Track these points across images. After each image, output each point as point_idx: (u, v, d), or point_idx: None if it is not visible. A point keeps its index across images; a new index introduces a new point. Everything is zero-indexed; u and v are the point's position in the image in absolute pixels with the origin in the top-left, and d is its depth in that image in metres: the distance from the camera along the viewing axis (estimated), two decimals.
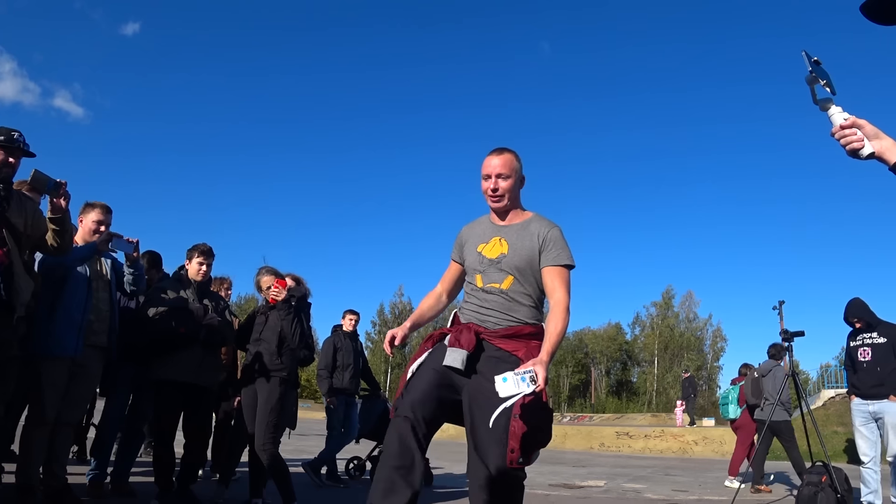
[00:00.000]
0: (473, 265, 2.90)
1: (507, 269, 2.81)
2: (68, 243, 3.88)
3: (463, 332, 2.73)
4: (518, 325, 2.75)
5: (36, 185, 3.53)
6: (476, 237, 2.96)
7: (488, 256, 2.86)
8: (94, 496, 4.75)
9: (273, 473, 4.51)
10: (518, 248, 2.83)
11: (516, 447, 2.48)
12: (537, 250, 2.81)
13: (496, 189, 2.86)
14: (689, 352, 56.59)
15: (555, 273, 2.78)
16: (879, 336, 5.85)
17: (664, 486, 8.37)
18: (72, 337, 4.06)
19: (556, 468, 10.78)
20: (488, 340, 2.74)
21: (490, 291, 2.81)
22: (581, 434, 20.40)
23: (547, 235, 2.83)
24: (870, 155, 1.78)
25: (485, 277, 2.84)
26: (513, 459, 2.48)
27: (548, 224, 2.89)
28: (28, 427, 4.00)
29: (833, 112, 1.84)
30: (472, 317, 2.83)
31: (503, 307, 2.77)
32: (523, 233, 2.87)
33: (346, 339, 7.37)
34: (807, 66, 1.86)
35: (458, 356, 2.65)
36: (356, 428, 7.33)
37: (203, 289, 4.92)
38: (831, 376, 22.73)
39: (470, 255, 2.94)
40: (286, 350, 4.67)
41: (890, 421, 5.59)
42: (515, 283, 2.80)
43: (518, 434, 2.49)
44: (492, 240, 2.90)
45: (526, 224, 2.91)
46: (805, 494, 5.00)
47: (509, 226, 2.92)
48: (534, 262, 2.81)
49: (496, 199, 2.89)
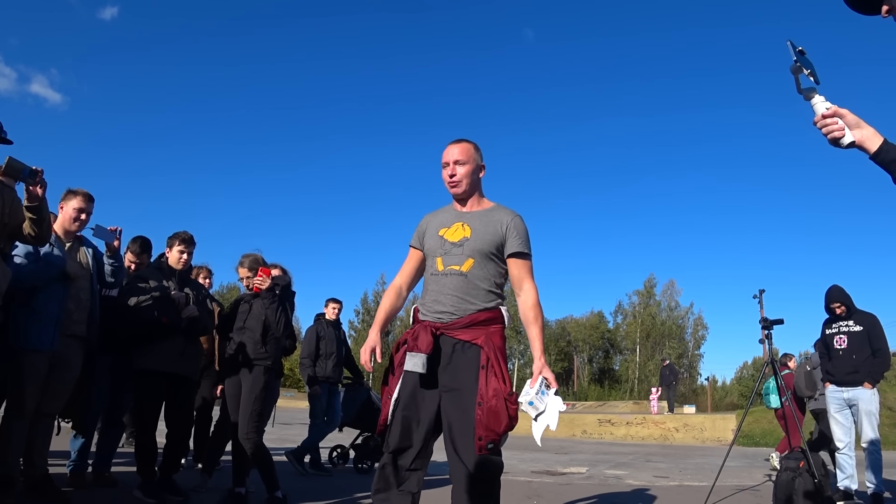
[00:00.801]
0: (434, 249, 2.94)
1: (468, 253, 2.85)
2: (46, 232, 3.82)
3: (419, 334, 2.76)
4: (474, 311, 2.79)
5: (11, 172, 3.46)
6: (438, 223, 3.01)
7: (450, 240, 2.91)
8: (75, 486, 4.72)
9: (256, 462, 4.50)
10: (481, 232, 2.88)
11: (483, 434, 2.57)
12: (501, 237, 2.88)
13: (453, 175, 2.94)
14: (670, 340, 57.13)
15: (521, 263, 2.89)
16: (855, 324, 5.94)
17: (645, 472, 8.47)
18: (48, 330, 3.99)
19: (538, 455, 10.86)
20: (447, 334, 2.78)
21: (449, 274, 2.84)
22: (563, 421, 20.54)
23: (511, 223, 2.90)
24: (850, 144, 1.81)
25: (445, 260, 2.89)
26: (481, 447, 2.57)
27: (511, 213, 2.96)
28: (7, 418, 3.96)
29: (816, 101, 1.86)
30: (429, 308, 2.86)
31: (461, 290, 2.81)
32: (486, 219, 2.93)
33: (328, 327, 7.36)
34: (791, 56, 1.88)
35: (417, 361, 2.69)
36: (339, 416, 7.33)
37: (184, 277, 4.89)
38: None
39: (431, 239, 2.98)
40: (271, 339, 4.65)
41: (864, 408, 5.69)
42: (476, 266, 2.84)
43: (483, 422, 2.58)
44: (454, 225, 2.95)
45: (489, 211, 2.97)
46: (783, 480, 5.07)
47: (472, 212, 2.99)
48: (496, 248, 2.87)
49: (454, 185, 2.96)
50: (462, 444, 2.63)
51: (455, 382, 2.71)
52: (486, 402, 2.60)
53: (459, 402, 2.67)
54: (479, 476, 2.60)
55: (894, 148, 1.77)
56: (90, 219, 4.44)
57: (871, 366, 5.75)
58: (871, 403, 5.70)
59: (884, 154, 1.77)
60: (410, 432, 2.75)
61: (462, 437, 2.64)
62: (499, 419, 2.59)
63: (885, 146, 1.78)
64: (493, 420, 2.58)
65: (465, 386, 2.68)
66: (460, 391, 2.68)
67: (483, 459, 2.60)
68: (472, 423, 2.60)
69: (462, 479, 2.63)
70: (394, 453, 2.74)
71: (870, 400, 5.70)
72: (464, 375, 2.70)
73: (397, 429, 2.74)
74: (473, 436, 2.59)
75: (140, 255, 5.40)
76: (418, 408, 2.76)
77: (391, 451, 2.74)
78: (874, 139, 1.79)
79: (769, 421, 17.01)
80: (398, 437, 2.73)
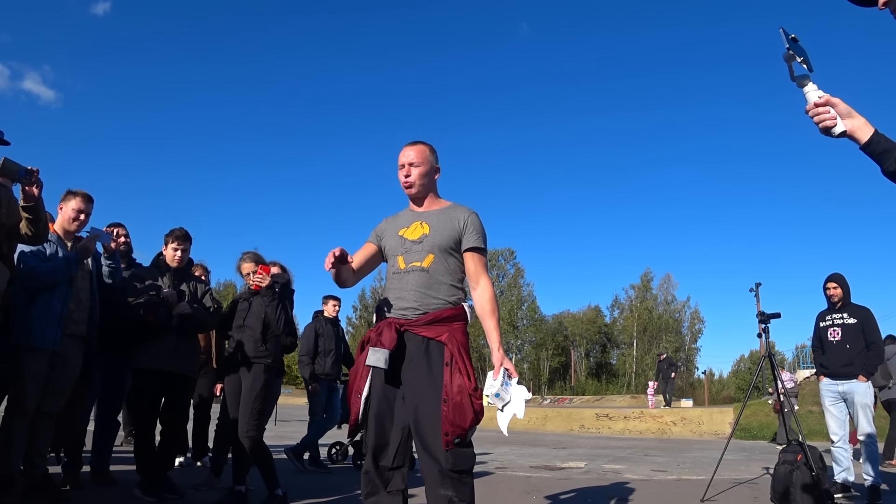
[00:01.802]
0: (395, 249, 2.99)
1: (427, 248, 2.91)
2: (43, 232, 3.82)
3: (383, 330, 2.80)
4: (438, 308, 2.83)
5: (6, 172, 3.46)
6: (397, 226, 3.06)
7: (410, 238, 2.96)
8: (71, 486, 4.70)
9: (256, 460, 4.50)
10: (439, 228, 2.94)
11: (449, 430, 2.62)
12: (459, 232, 2.94)
13: (408, 175, 3.00)
14: (667, 334, 57.30)
15: (477, 258, 2.96)
16: (850, 317, 5.94)
17: (643, 466, 8.50)
18: (51, 328, 4.00)
19: (536, 450, 10.90)
20: (410, 330, 2.82)
21: (411, 271, 2.89)
22: (561, 416, 20.63)
23: (468, 220, 2.98)
24: (841, 133, 1.82)
25: (406, 258, 2.93)
26: (448, 441, 2.62)
27: (467, 210, 3.04)
28: (8, 417, 3.96)
29: (809, 89, 1.87)
30: (395, 305, 2.90)
31: (424, 286, 2.85)
32: (443, 216, 3.00)
33: (327, 324, 7.36)
34: (784, 43, 1.88)
35: (380, 356, 2.73)
36: (338, 413, 7.34)
37: (181, 274, 4.86)
38: (807, 357, 23.19)
39: (391, 240, 3.03)
40: (271, 337, 4.65)
41: (859, 401, 5.70)
42: (436, 261, 2.89)
43: (449, 418, 2.63)
44: (412, 224, 3.01)
45: (446, 210, 3.04)
46: (781, 473, 5.09)
47: (429, 211, 3.05)
48: (454, 243, 2.94)
49: (408, 186, 3.03)
50: (429, 440, 2.68)
51: (419, 379, 2.75)
52: (451, 399, 2.65)
53: (424, 398, 2.71)
54: (451, 470, 2.64)
55: (885, 139, 1.79)
56: (89, 219, 4.44)
57: (866, 359, 5.77)
58: (866, 396, 5.72)
59: (874, 145, 1.78)
60: (386, 430, 2.79)
61: (429, 434, 2.68)
62: (464, 414, 2.64)
63: (875, 137, 1.79)
64: (458, 416, 2.63)
65: (428, 382, 2.73)
66: (425, 388, 2.73)
67: (454, 454, 2.64)
68: (438, 420, 2.65)
69: (434, 474, 2.67)
70: (374, 453, 2.78)
71: (865, 393, 5.72)
72: (428, 372, 2.74)
73: (373, 428, 2.79)
74: (440, 431, 2.64)
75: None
76: (390, 405, 2.81)
77: (371, 451, 2.78)
78: (865, 129, 1.80)
79: (766, 414, 17.08)
80: (375, 436, 2.78)
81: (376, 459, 2.78)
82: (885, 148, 1.77)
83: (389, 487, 2.77)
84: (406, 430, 2.78)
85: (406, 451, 2.81)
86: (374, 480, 2.77)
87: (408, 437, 2.80)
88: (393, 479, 2.78)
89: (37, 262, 4.03)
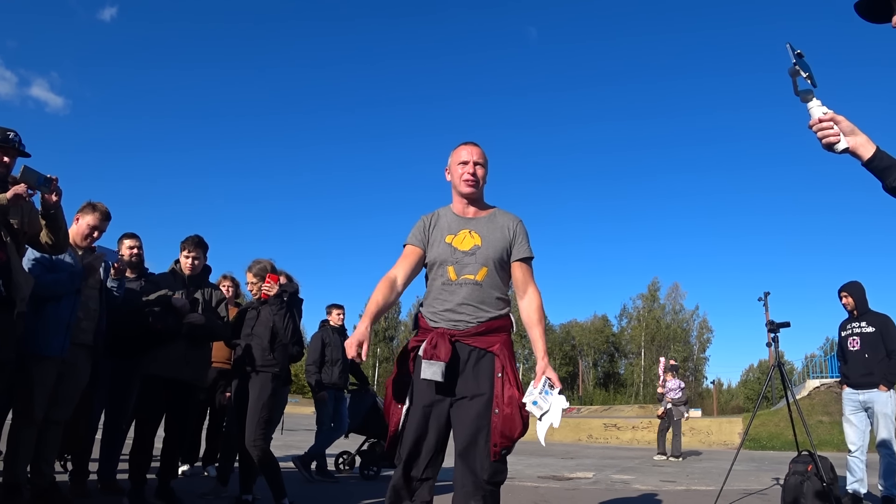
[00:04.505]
0: (444, 258, 2.88)
1: (482, 261, 2.84)
2: (63, 240, 3.84)
3: (438, 342, 2.71)
4: (489, 319, 2.79)
5: (26, 181, 3.49)
6: (443, 229, 2.95)
7: (461, 248, 2.88)
8: (78, 495, 4.69)
9: (263, 469, 4.48)
10: (491, 239, 2.88)
11: (498, 441, 2.61)
12: (509, 242, 2.90)
13: (474, 174, 2.92)
14: (675, 343, 57.04)
15: (527, 268, 2.92)
16: (868, 325, 5.91)
17: (652, 476, 8.44)
18: (59, 336, 4.01)
19: (544, 460, 10.84)
20: (462, 341, 2.76)
21: (464, 284, 2.82)
22: (569, 426, 20.52)
23: (516, 229, 2.93)
24: (844, 150, 1.86)
25: (458, 269, 2.84)
26: (496, 453, 2.62)
27: (513, 217, 2.99)
28: (15, 425, 3.97)
29: (813, 105, 1.90)
30: (443, 317, 2.81)
31: (476, 299, 2.80)
32: (492, 225, 2.93)
33: (333, 333, 7.35)
34: (790, 58, 1.93)
35: (436, 369, 2.66)
36: (345, 422, 7.32)
37: (196, 282, 4.85)
38: (816, 367, 23.03)
39: (439, 246, 2.92)
40: (278, 345, 4.64)
41: (879, 410, 5.64)
42: (489, 275, 2.84)
43: (499, 429, 2.62)
44: (461, 232, 2.92)
45: (492, 217, 2.98)
46: (791, 483, 5.04)
47: (476, 218, 2.97)
48: (506, 255, 2.89)
49: (472, 184, 2.92)
50: (474, 450, 2.64)
51: (471, 390, 2.71)
52: (502, 410, 2.63)
53: (475, 409, 2.68)
54: (487, 482, 2.62)
55: (887, 156, 1.83)
56: (102, 235, 4.47)
57: (886, 367, 5.71)
58: (886, 406, 5.65)
59: (877, 161, 1.83)
60: (422, 441, 2.73)
61: (475, 445, 2.64)
62: (514, 426, 2.63)
63: (878, 154, 1.83)
64: (508, 427, 2.62)
65: (481, 393, 2.69)
66: (477, 398, 2.69)
67: (494, 466, 2.63)
68: (488, 431, 2.63)
69: (468, 486, 2.64)
70: (406, 464, 2.73)
71: (885, 402, 5.65)
72: (480, 383, 2.71)
73: (410, 438, 2.72)
74: (488, 443, 2.62)
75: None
76: (429, 416, 2.74)
77: (403, 461, 2.73)
78: (868, 146, 1.84)
79: (776, 424, 16.95)
80: (410, 446, 2.72)
81: (408, 470, 2.73)
82: (888, 165, 1.82)
83: (415, 498, 2.73)
84: (441, 442, 2.74)
85: (437, 463, 2.77)
86: (400, 491, 2.73)
87: (441, 449, 2.76)
88: (420, 489, 2.74)
89: (40, 272, 4.03)
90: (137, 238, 5.30)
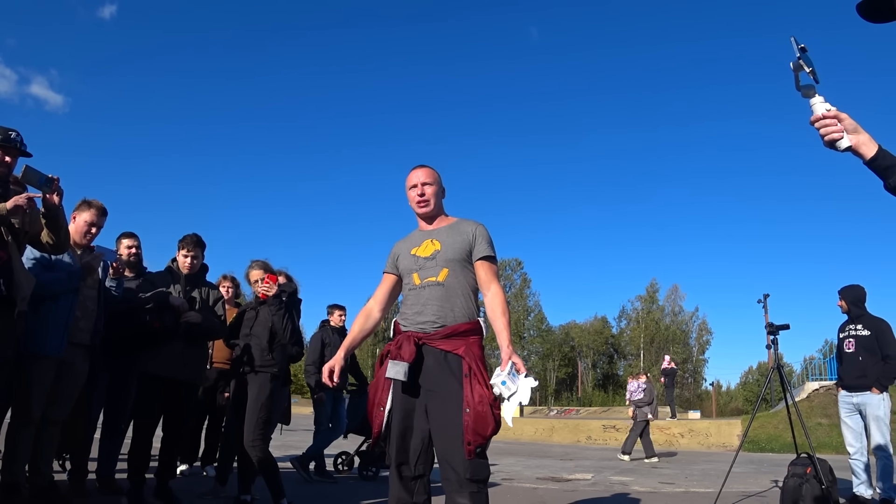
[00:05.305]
0: (409, 266, 3.09)
1: (441, 263, 3.00)
2: (64, 240, 3.84)
3: (403, 343, 2.91)
4: (455, 321, 2.91)
5: (27, 181, 3.48)
6: (409, 246, 3.16)
7: (422, 255, 3.06)
8: (76, 494, 4.69)
9: (262, 469, 4.48)
10: (450, 243, 3.04)
11: (471, 439, 2.70)
12: (469, 244, 3.04)
13: (423, 194, 3.11)
14: (674, 345, 57.07)
15: (488, 266, 3.04)
16: (864, 328, 5.92)
17: (651, 478, 8.43)
18: (57, 336, 4.00)
19: (543, 461, 10.84)
20: (428, 344, 2.90)
21: (427, 286, 2.98)
22: (568, 427, 20.50)
23: (476, 231, 3.08)
24: (847, 148, 1.84)
25: (421, 274, 3.03)
26: (470, 451, 2.70)
27: (474, 222, 3.15)
28: (14, 425, 3.96)
29: (815, 101, 1.88)
30: (411, 320, 2.99)
31: (440, 299, 2.94)
32: (453, 231, 3.10)
33: (333, 334, 7.34)
34: (794, 52, 1.89)
35: (399, 369, 2.83)
36: (344, 423, 7.32)
37: (193, 280, 4.84)
38: (815, 369, 22.99)
39: (405, 259, 3.14)
40: (277, 346, 4.64)
41: (872, 413, 5.66)
42: (451, 274, 2.98)
43: (471, 427, 2.71)
44: (424, 242, 3.11)
45: (454, 225, 3.15)
46: (790, 486, 5.04)
47: (438, 228, 3.15)
48: (466, 256, 3.03)
49: (423, 204, 3.13)
50: (450, 449, 2.75)
51: (439, 390, 2.83)
52: (472, 408, 2.72)
53: (445, 408, 2.79)
54: (469, 479, 2.72)
55: (889, 155, 1.82)
56: (100, 231, 4.46)
57: (880, 371, 5.72)
58: (878, 408, 5.66)
59: (879, 160, 1.82)
60: (407, 441, 2.88)
61: (450, 444, 2.75)
62: (486, 423, 2.71)
63: (880, 152, 1.82)
64: (480, 424, 2.71)
65: (449, 393, 2.80)
66: (445, 398, 2.80)
67: (473, 464, 2.72)
68: (460, 429, 2.72)
69: (453, 484, 2.74)
70: (397, 464, 2.87)
71: (877, 405, 5.67)
72: (447, 383, 2.82)
73: (396, 439, 2.87)
74: (462, 441, 2.71)
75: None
76: (410, 416, 2.89)
77: (395, 462, 2.87)
78: (870, 145, 1.83)
79: (775, 426, 16.93)
80: (398, 446, 2.87)
81: (400, 470, 2.87)
82: (890, 164, 1.81)
83: (415, 499, 2.86)
84: (426, 440, 2.85)
85: (427, 461, 2.89)
86: (400, 493, 2.87)
87: (428, 447, 2.87)
88: (416, 488, 2.87)
89: (39, 271, 4.03)
90: (136, 238, 5.29)
